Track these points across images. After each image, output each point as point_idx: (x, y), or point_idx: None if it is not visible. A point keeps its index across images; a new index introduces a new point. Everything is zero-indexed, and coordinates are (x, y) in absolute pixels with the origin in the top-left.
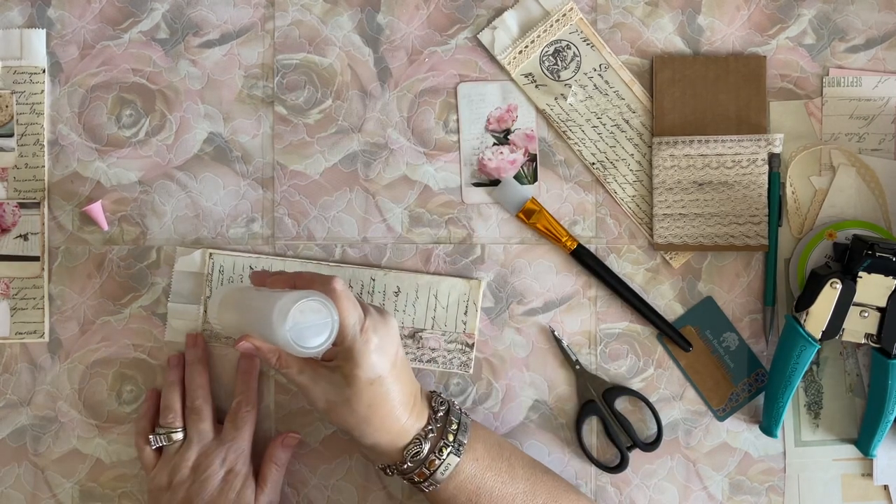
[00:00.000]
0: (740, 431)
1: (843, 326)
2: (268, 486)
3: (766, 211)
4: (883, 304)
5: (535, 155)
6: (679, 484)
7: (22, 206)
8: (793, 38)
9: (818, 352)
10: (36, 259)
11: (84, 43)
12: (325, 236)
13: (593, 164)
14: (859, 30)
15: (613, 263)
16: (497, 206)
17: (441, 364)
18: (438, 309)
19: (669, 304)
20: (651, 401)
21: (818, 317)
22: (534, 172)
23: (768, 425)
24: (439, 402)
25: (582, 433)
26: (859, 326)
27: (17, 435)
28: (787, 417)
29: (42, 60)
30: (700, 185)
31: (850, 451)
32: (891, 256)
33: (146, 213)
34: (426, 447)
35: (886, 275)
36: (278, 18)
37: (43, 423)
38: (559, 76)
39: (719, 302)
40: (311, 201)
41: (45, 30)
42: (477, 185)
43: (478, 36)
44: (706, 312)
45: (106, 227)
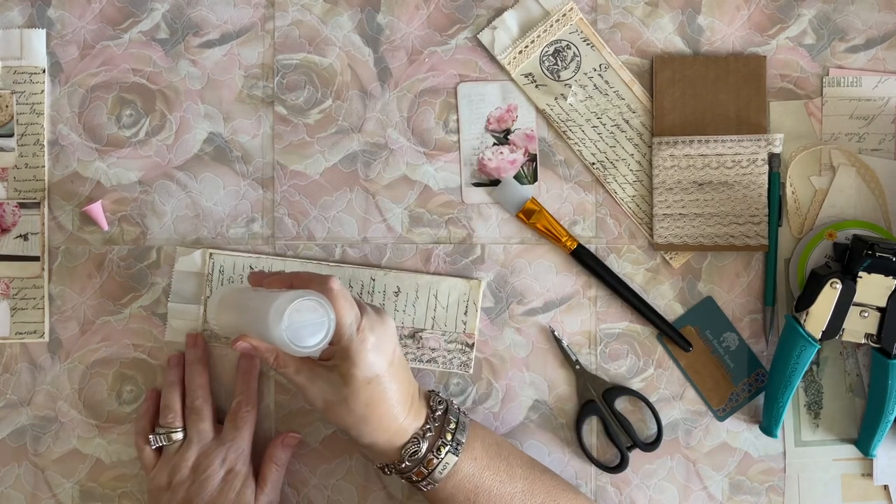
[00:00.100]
0: (740, 431)
1: (843, 326)
2: (268, 485)
3: (766, 211)
4: (883, 304)
5: (535, 155)
6: (679, 484)
7: (22, 206)
8: (793, 38)
9: (818, 352)
10: (36, 259)
11: (84, 43)
12: (325, 236)
13: (593, 164)
14: (859, 30)
15: (613, 263)
16: (497, 206)
17: (441, 364)
18: (438, 309)
19: (669, 304)
20: (651, 401)
21: (818, 317)
22: (534, 172)
23: (768, 425)
24: (437, 402)
25: (582, 433)
26: (859, 326)
27: (17, 435)
28: (787, 417)
29: (42, 60)
30: (700, 185)
31: (850, 451)
32: (891, 256)
33: (146, 213)
34: (424, 446)
35: (886, 275)
36: (278, 18)
37: (43, 423)
38: (559, 76)
39: (719, 302)
40: (311, 201)
41: (45, 30)
42: (477, 185)
43: (478, 36)
44: (706, 312)
45: (106, 227)
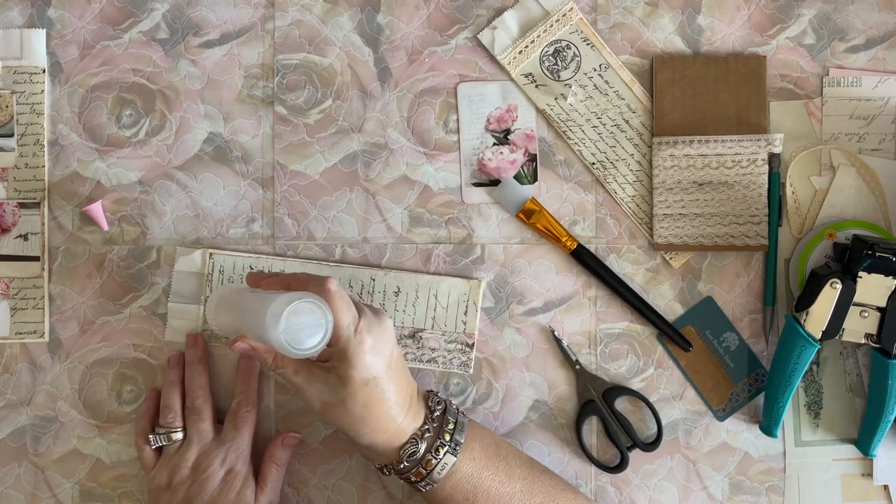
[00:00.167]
0: (740, 431)
1: (843, 326)
2: (268, 485)
3: (766, 211)
4: (883, 304)
5: (535, 155)
6: (679, 484)
7: (22, 206)
8: (793, 38)
9: (818, 352)
10: (36, 259)
11: (84, 43)
12: (325, 236)
13: (593, 164)
14: (859, 30)
15: (613, 263)
16: (497, 206)
17: (441, 364)
18: (438, 309)
19: (669, 304)
20: (651, 401)
21: (818, 317)
22: (534, 172)
23: (768, 425)
24: (436, 402)
25: (582, 433)
26: (859, 326)
27: (17, 435)
28: (787, 417)
29: (42, 60)
30: (700, 185)
31: (850, 451)
32: (891, 256)
33: (146, 213)
34: (422, 447)
35: (886, 275)
36: (278, 18)
37: (43, 423)
38: (559, 76)
39: (719, 302)
40: (311, 201)
41: (45, 30)
42: (477, 185)
43: (478, 36)
44: (706, 312)
45: (106, 227)
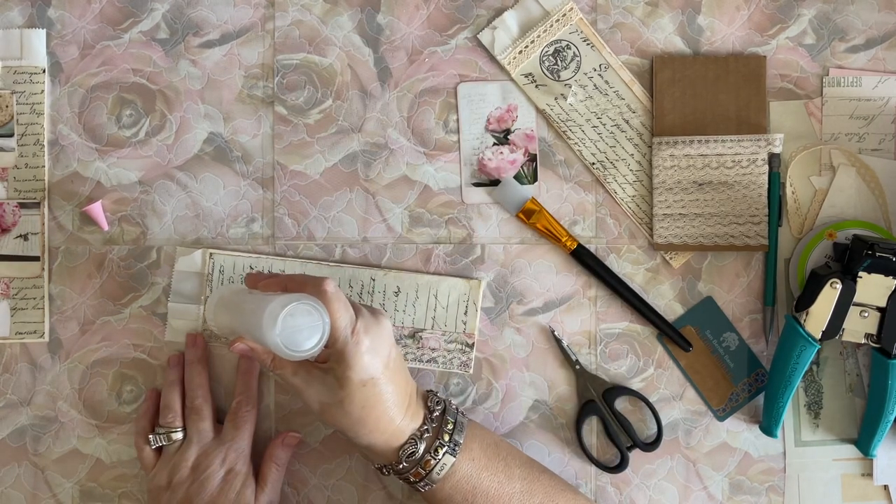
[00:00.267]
0: (740, 431)
1: (843, 326)
2: (268, 485)
3: (766, 211)
4: (883, 304)
5: (535, 155)
6: (679, 484)
7: (22, 206)
8: (793, 38)
9: (818, 352)
10: (36, 259)
11: (84, 43)
12: (325, 236)
13: (593, 164)
14: (859, 30)
15: (613, 263)
16: (497, 206)
17: (441, 364)
18: (438, 309)
19: (669, 304)
20: (651, 401)
21: (818, 317)
22: (534, 172)
23: (768, 425)
24: (435, 402)
25: (582, 433)
26: (859, 326)
27: (17, 435)
28: (787, 417)
29: (42, 60)
30: (700, 185)
31: (850, 451)
32: (891, 256)
33: (146, 213)
34: (422, 447)
35: (886, 275)
36: (278, 18)
37: (43, 423)
38: (559, 76)
39: (719, 302)
40: (311, 201)
41: (45, 30)
42: (477, 185)
43: (478, 36)
44: (706, 312)
45: (106, 227)
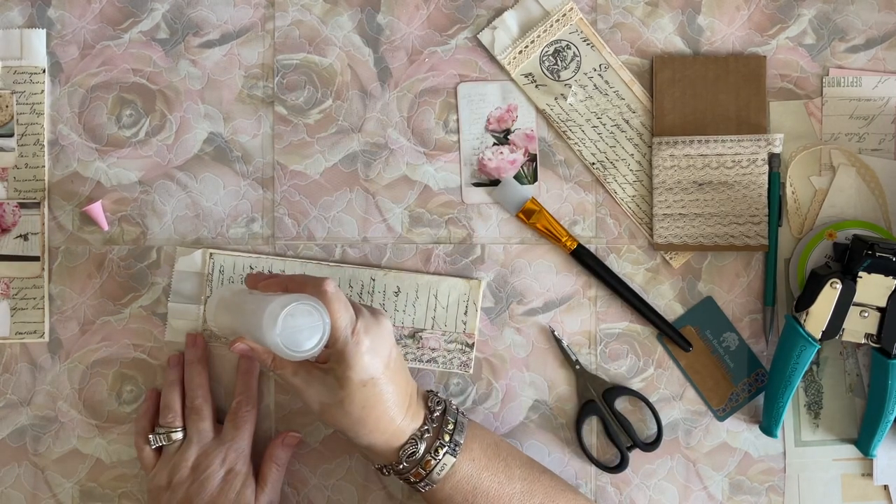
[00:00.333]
0: (740, 431)
1: (843, 326)
2: (268, 485)
3: (766, 211)
4: (883, 304)
5: (535, 155)
6: (679, 484)
7: (22, 206)
8: (793, 38)
9: (818, 352)
10: (36, 259)
11: (84, 43)
12: (325, 236)
13: (593, 164)
14: (859, 30)
15: (613, 263)
16: (497, 206)
17: (441, 364)
18: (438, 309)
19: (669, 304)
20: (651, 401)
21: (818, 317)
22: (534, 172)
23: (768, 425)
24: (435, 402)
25: (582, 433)
26: (859, 326)
27: (17, 435)
28: (787, 417)
29: (42, 60)
30: (700, 185)
31: (850, 451)
32: (891, 256)
33: (146, 213)
34: (422, 447)
35: (886, 275)
36: (278, 18)
37: (43, 423)
38: (559, 76)
39: (719, 302)
40: (311, 201)
41: (45, 30)
42: (477, 185)
43: (478, 36)
44: (706, 312)
45: (106, 227)
